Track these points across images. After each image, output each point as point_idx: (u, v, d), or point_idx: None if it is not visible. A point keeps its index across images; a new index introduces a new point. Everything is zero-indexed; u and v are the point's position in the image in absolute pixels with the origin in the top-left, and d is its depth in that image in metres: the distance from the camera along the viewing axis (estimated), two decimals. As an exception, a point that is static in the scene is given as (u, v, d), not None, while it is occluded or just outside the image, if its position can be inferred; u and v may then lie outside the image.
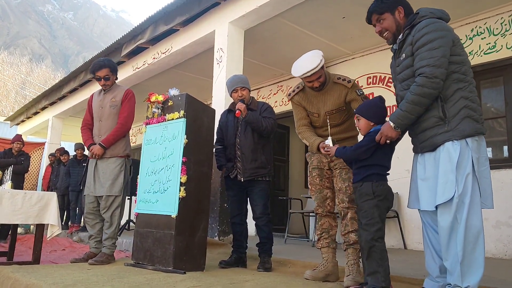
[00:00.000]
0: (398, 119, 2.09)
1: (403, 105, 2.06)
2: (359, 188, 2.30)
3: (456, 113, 1.99)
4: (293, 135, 8.20)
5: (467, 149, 1.95)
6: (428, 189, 2.07)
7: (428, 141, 2.08)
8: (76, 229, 6.82)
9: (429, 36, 1.99)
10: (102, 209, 3.52)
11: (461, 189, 1.90)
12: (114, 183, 3.50)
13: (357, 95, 2.72)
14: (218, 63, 4.97)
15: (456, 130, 1.97)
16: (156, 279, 2.54)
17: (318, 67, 2.63)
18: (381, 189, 2.24)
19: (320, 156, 2.82)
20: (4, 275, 2.80)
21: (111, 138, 3.53)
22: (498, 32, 4.66)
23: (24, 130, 12.12)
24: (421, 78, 1.99)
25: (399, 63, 2.19)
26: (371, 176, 2.25)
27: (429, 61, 1.97)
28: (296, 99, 2.94)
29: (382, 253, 2.16)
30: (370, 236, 2.17)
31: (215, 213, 4.40)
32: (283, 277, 2.81)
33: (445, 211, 1.95)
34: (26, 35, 70.68)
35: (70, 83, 8.64)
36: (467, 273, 1.88)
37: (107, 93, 3.70)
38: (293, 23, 5.19)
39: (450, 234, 1.92)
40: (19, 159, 6.41)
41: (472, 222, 1.90)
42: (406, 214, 5.08)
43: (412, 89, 2.03)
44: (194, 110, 3.16)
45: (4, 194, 3.37)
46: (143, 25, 6.00)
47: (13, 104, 36.64)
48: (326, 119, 2.77)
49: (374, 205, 2.21)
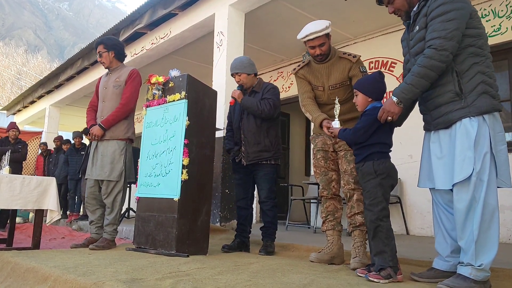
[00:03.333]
0: (402, 92, 2.01)
1: (408, 78, 1.99)
2: (361, 168, 2.24)
3: (472, 89, 1.92)
4: (293, 122, 8.14)
5: (484, 126, 1.88)
6: (443, 168, 2.00)
7: (443, 117, 2.00)
8: (76, 217, 6.77)
9: (445, 7, 1.92)
10: (103, 195, 3.45)
11: (479, 167, 1.84)
12: (113, 168, 3.42)
13: (359, 71, 2.67)
14: (218, 46, 4.88)
15: (473, 106, 1.91)
16: (159, 262, 2.49)
17: (321, 32, 2.61)
18: (384, 167, 2.18)
19: (325, 138, 2.77)
20: (4, 260, 2.75)
21: (111, 118, 3.44)
22: (503, 14, 4.58)
23: (20, 119, 12.00)
24: (429, 49, 1.92)
25: (413, 37, 2.12)
26: (372, 155, 2.20)
27: (441, 33, 1.90)
28: (300, 72, 2.89)
29: (388, 232, 2.12)
30: (374, 216, 2.12)
31: (216, 198, 4.36)
32: (287, 259, 2.77)
33: (462, 190, 1.88)
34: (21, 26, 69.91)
35: (67, 71, 8.51)
36: (481, 252, 1.83)
37: (112, 73, 3.61)
38: (295, 6, 5.10)
39: (467, 213, 1.86)
40: (16, 147, 6.32)
41: (489, 201, 1.84)
42: (408, 199, 5.06)
43: (419, 61, 1.96)
44: (196, 91, 3.08)
45: (2, 179, 3.30)
46: (140, 10, 5.89)
47: (9, 94, 36.37)
48: (330, 94, 2.72)
49: (377, 184, 2.16)
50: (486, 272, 1.84)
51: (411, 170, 4.94)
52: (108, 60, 3.60)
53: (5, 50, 46.98)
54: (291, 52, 6.60)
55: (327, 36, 2.67)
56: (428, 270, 2.14)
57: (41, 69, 44.75)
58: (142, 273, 2.10)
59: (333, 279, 2.07)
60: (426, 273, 2.11)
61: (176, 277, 1.97)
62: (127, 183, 3.61)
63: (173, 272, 2.13)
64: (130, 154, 3.58)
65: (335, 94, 2.67)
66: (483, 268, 1.82)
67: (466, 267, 1.85)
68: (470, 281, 1.82)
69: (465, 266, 1.87)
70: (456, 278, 1.86)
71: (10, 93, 37.19)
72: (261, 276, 2.09)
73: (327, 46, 2.70)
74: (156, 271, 2.16)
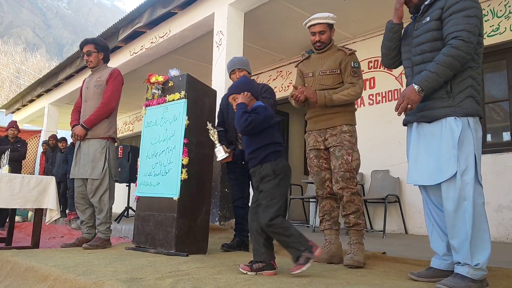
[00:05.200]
0: (425, 81, 1.97)
1: (433, 67, 1.95)
2: (259, 171, 2.27)
3: (461, 90, 1.97)
4: (292, 122, 8.15)
5: (468, 128, 1.94)
6: (428, 164, 2.03)
7: (427, 111, 2.04)
8: (75, 216, 6.75)
9: (465, 3, 1.95)
10: (89, 194, 3.46)
11: (463, 167, 1.89)
12: (94, 166, 3.43)
13: (350, 65, 2.72)
14: (217, 46, 4.88)
15: (459, 107, 1.96)
16: (159, 261, 2.50)
17: (323, 20, 2.76)
18: (282, 166, 2.24)
19: (315, 135, 2.82)
20: (3, 259, 2.75)
21: (93, 118, 3.46)
22: (501, 14, 4.59)
23: (19, 118, 11.97)
24: (457, 41, 1.91)
25: (419, 27, 2.13)
26: (269, 156, 2.24)
27: (466, 26, 1.92)
28: (299, 66, 3.01)
29: (283, 224, 2.15)
30: (268, 217, 2.14)
31: (215, 198, 4.36)
32: (286, 258, 2.76)
33: (449, 188, 1.92)
34: (19, 24, 69.70)
35: (66, 70, 8.50)
36: (475, 251, 1.86)
37: (95, 74, 3.65)
38: (294, 5, 5.10)
39: (456, 212, 1.89)
40: (15, 146, 6.32)
41: (477, 201, 1.88)
42: (407, 199, 5.07)
43: (445, 51, 1.93)
44: (195, 91, 3.09)
45: (1, 178, 3.30)
46: (140, 9, 5.87)
47: (8, 93, 36.29)
48: (319, 79, 2.78)
49: (275, 184, 2.20)
50: (483, 271, 1.86)
51: (410, 169, 4.96)
52: (96, 61, 3.63)
53: (3, 48, 46.87)
54: (290, 51, 6.59)
55: (329, 26, 2.81)
56: (426, 270, 2.15)
57: (40, 67, 44.67)
58: (141, 272, 2.11)
59: (332, 278, 2.08)
60: (424, 272, 2.12)
61: (175, 277, 1.98)
62: (114, 181, 3.61)
63: (172, 271, 2.14)
64: (114, 153, 3.59)
65: (324, 80, 2.75)
66: (480, 267, 1.85)
67: (464, 267, 1.87)
68: (468, 280, 1.84)
69: (462, 266, 1.88)
70: (454, 278, 1.87)
71: (9, 91, 37.11)
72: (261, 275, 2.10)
73: (327, 35, 2.80)
74: (156, 270, 2.17)
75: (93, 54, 3.60)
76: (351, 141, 2.69)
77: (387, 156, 5.14)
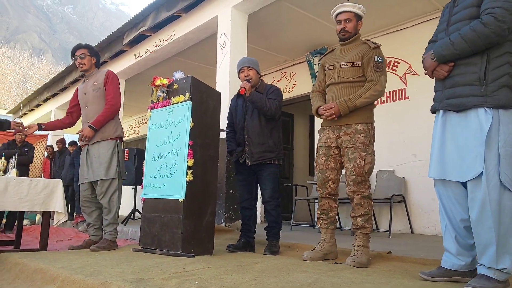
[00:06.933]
0: (440, 47, 1.89)
1: (453, 36, 1.85)
2: None
3: (496, 78, 1.80)
4: (297, 123, 8.15)
5: (497, 122, 1.78)
6: (453, 158, 1.91)
7: (455, 99, 1.89)
8: (82, 219, 6.80)
9: None
10: (99, 195, 3.49)
11: (491, 166, 1.76)
12: (108, 167, 3.47)
13: (374, 59, 2.64)
14: (221, 48, 4.91)
15: (492, 97, 1.78)
16: (165, 262, 2.52)
17: (349, 8, 2.74)
18: None
19: (329, 131, 2.78)
20: (12, 261, 2.79)
21: (102, 118, 3.50)
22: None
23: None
24: (488, 16, 1.76)
25: (459, 3, 1.98)
26: None
27: (504, 3, 1.75)
28: (322, 60, 2.99)
29: None
30: None
31: (221, 199, 4.38)
32: (292, 259, 2.78)
33: (476, 188, 1.81)
34: (26, 29, 70.34)
35: (72, 74, 8.60)
36: (502, 256, 1.77)
37: (89, 79, 3.69)
38: (297, 7, 5.12)
39: (482, 212, 1.79)
40: (23, 150, 6.38)
41: (506, 202, 1.77)
42: (412, 198, 5.05)
43: (472, 24, 1.80)
44: (200, 93, 3.11)
45: (9, 182, 3.34)
46: (144, 12, 5.93)
47: (15, 98, 36.62)
48: (339, 72, 2.74)
49: None
50: (508, 274, 1.81)
51: (415, 169, 4.94)
52: (89, 64, 3.68)
53: (10, 54, 47.29)
54: (294, 53, 6.61)
55: (356, 16, 2.76)
56: (437, 269, 2.08)
57: (46, 72, 45.00)
58: (148, 273, 2.13)
59: (337, 277, 2.08)
60: (436, 272, 2.05)
61: (182, 277, 1.99)
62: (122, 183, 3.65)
63: (179, 272, 2.16)
64: (122, 153, 3.65)
65: (343, 73, 2.71)
66: (507, 271, 1.79)
67: (489, 269, 1.81)
68: (494, 281, 1.78)
69: (487, 268, 1.82)
70: (480, 279, 1.81)
71: (16, 96, 37.46)
72: (266, 275, 2.11)
73: (353, 25, 2.76)
74: (162, 271, 2.19)
75: (87, 57, 3.65)
76: (365, 142, 2.61)
77: (392, 156, 5.13)
